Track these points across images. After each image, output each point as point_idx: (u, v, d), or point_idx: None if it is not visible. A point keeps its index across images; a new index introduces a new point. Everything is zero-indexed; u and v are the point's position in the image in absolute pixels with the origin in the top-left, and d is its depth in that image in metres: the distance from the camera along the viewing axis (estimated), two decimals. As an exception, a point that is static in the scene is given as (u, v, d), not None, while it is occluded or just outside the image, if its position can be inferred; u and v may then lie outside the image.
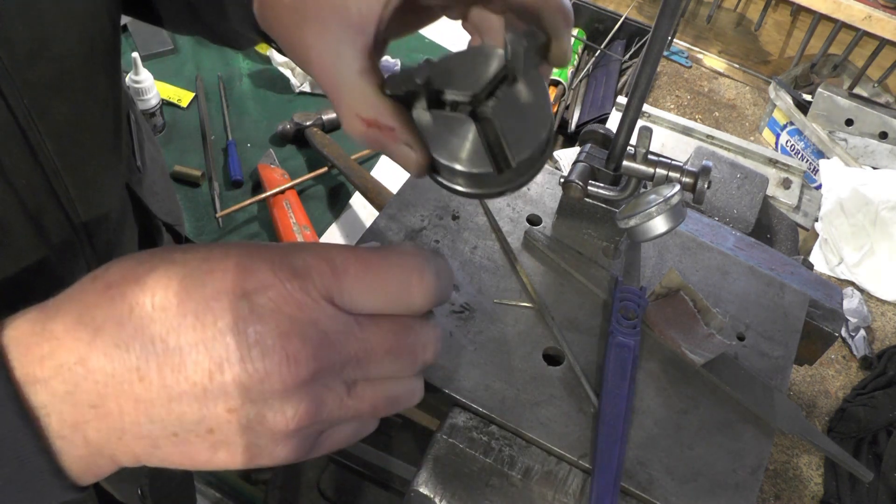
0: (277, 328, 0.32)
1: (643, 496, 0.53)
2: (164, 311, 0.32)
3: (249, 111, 1.46)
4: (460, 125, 0.40)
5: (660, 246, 0.71)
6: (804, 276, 0.73)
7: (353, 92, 0.40)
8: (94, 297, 0.33)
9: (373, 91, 0.40)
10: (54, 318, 0.33)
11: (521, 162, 0.40)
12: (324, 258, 0.34)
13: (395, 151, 0.41)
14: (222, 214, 1.23)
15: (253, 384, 0.32)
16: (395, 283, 0.35)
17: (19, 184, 0.50)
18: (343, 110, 0.41)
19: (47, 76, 0.50)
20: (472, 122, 0.40)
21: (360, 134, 0.41)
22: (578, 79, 1.63)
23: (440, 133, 0.40)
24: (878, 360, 1.29)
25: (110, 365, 0.32)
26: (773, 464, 1.14)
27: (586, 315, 0.64)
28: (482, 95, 0.41)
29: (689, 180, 0.62)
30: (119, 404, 0.33)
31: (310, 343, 0.33)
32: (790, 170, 1.38)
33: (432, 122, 0.41)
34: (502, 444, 0.55)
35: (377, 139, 0.41)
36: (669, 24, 0.54)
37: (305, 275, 0.33)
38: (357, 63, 0.40)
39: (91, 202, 0.59)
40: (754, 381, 0.60)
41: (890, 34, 1.61)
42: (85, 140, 0.57)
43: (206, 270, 0.33)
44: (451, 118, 0.41)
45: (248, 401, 0.33)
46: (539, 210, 0.72)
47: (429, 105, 0.41)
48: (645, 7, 1.92)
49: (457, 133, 0.40)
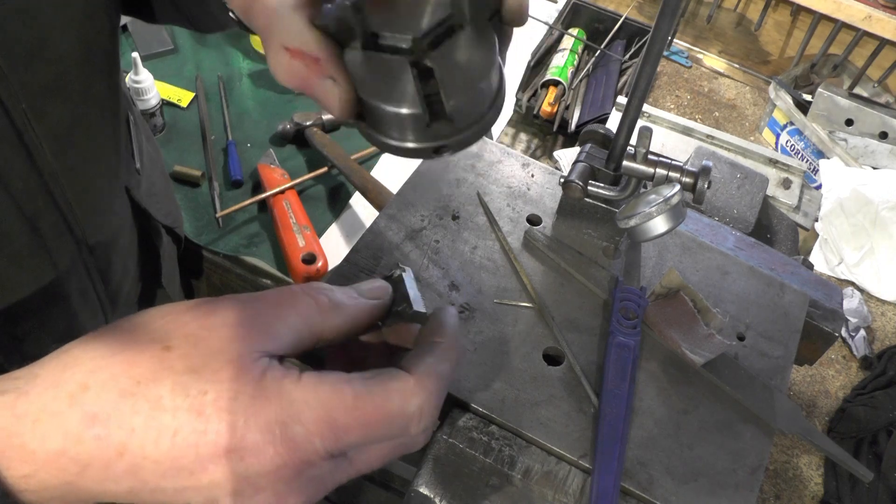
0: (274, 491, 0.33)
1: (643, 496, 0.53)
2: (157, 464, 0.32)
3: (249, 111, 1.46)
4: (395, 68, 0.37)
5: (660, 246, 0.71)
6: (804, 276, 0.73)
7: (283, 22, 0.38)
8: (75, 429, 0.32)
9: (303, 22, 0.38)
10: (32, 436, 0.32)
11: (459, 113, 0.37)
12: (325, 422, 0.34)
13: (319, 86, 0.38)
14: (222, 214, 1.23)
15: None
16: (395, 430, 0.36)
17: (16, 187, 0.49)
18: (271, 44, 0.39)
19: (45, 78, 0.49)
20: (408, 66, 0.37)
21: (285, 67, 0.38)
22: (578, 79, 1.63)
23: (372, 75, 0.37)
24: (878, 360, 1.29)
25: (101, 489, 0.33)
26: (773, 464, 1.14)
27: (586, 315, 0.64)
28: (423, 43, 0.37)
29: (689, 180, 0.62)
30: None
31: (305, 494, 0.35)
32: (790, 170, 1.38)
33: (364, 62, 0.38)
34: (502, 444, 0.55)
35: (301, 74, 0.38)
36: (669, 24, 0.54)
37: (305, 447, 0.33)
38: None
39: (89, 206, 0.59)
40: (754, 381, 0.60)
41: (890, 34, 1.61)
42: (83, 143, 0.57)
43: (200, 431, 0.32)
44: (385, 60, 0.37)
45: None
46: (539, 210, 0.72)
47: (364, 47, 0.38)
48: (645, 7, 1.92)
49: (390, 75, 0.37)
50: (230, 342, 0.34)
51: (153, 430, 0.32)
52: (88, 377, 0.33)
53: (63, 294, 0.60)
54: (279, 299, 0.37)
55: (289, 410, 0.33)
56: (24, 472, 0.32)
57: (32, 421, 0.32)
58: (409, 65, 0.37)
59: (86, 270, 0.62)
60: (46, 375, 0.33)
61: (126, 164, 0.68)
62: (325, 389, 0.34)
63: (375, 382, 0.35)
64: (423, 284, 0.64)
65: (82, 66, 0.53)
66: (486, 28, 0.39)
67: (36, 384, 0.33)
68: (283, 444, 0.33)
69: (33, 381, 0.33)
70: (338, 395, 0.34)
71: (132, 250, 0.74)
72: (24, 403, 0.33)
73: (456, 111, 0.37)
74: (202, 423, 0.32)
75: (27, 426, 0.32)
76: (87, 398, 0.32)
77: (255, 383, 0.33)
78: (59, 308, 0.60)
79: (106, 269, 0.66)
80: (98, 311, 0.66)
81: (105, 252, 0.64)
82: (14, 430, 0.32)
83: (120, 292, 0.71)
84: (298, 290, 0.38)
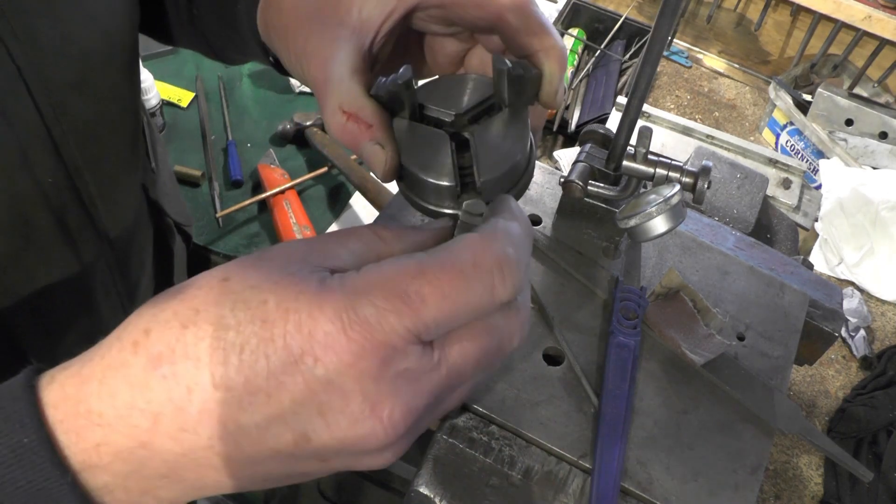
0: (362, 394, 0.30)
1: (643, 496, 0.53)
2: (229, 391, 0.30)
3: (249, 111, 1.46)
4: (436, 139, 0.41)
5: (660, 246, 0.71)
6: (804, 276, 0.73)
7: (342, 86, 0.41)
8: (142, 375, 0.30)
9: (359, 89, 0.41)
10: (99, 397, 0.31)
11: (487, 188, 0.40)
12: (396, 295, 0.30)
13: (367, 149, 0.40)
14: (222, 214, 1.23)
15: (345, 447, 0.31)
16: (478, 294, 0.31)
17: (44, 181, 0.51)
18: (328, 101, 0.41)
19: (70, 75, 0.51)
20: (448, 139, 0.41)
21: (340, 126, 0.41)
22: (578, 79, 1.63)
23: (415, 143, 0.41)
24: (878, 360, 1.29)
25: (179, 447, 0.31)
26: (773, 464, 1.15)
27: (586, 315, 0.64)
28: (464, 118, 0.42)
29: (689, 180, 0.62)
30: (197, 473, 0.31)
31: (400, 399, 0.30)
32: (790, 170, 1.38)
33: (410, 131, 0.42)
34: (502, 444, 0.55)
35: (354, 134, 0.41)
36: (669, 24, 0.54)
37: (382, 326, 0.30)
38: (350, 61, 0.41)
39: (111, 200, 0.60)
40: (754, 381, 0.60)
41: (890, 34, 1.61)
42: (106, 139, 0.58)
43: (267, 338, 0.30)
44: (428, 131, 0.42)
45: (343, 455, 0.31)
46: (539, 210, 0.72)
47: (411, 117, 0.42)
48: (645, 7, 1.92)
49: (431, 146, 0.41)
50: (289, 261, 0.32)
51: (219, 352, 0.30)
52: (150, 322, 0.32)
53: (88, 288, 0.60)
54: (339, 232, 0.36)
55: (355, 294, 0.30)
56: (94, 441, 0.30)
57: (98, 381, 0.31)
58: (449, 137, 0.41)
59: (107, 265, 0.62)
60: (109, 337, 0.32)
61: (143, 162, 0.69)
62: (387, 268, 0.31)
63: (440, 248, 0.32)
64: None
65: (105, 64, 0.54)
66: (523, 111, 0.42)
67: (100, 346, 0.32)
68: (357, 327, 0.29)
69: (97, 347, 0.32)
70: (403, 267, 0.31)
71: (148, 247, 0.75)
72: (88, 367, 0.32)
73: (485, 187, 0.40)
74: (267, 329, 0.30)
75: (93, 388, 0.31)
76: (150, 341, 0.31)
77: (318, 283, 0.31)
78: (85, 303, 0.61)
79: (125, 264, 0.67)
80: (118, 306, 0.67)
81: (125, 247, 0.65)
82: (80, 396, 0.31)
83: (138, 288, 0.72)
84: (360, 227, 0.37)
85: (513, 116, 0.42)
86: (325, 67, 0.41)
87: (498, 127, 0.41)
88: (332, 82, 0.41)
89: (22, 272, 0.52)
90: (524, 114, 0.42)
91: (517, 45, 0.43)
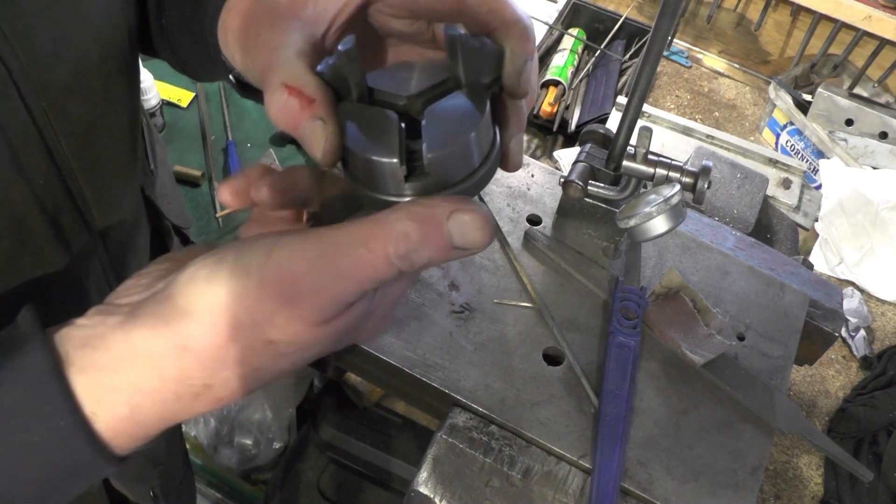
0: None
1: (643, 496, 0.53)
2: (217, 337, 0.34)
3: (249, 111, 1.46)
4: (382, 119, 0.38)
5: (660, 246, 0.71)
6: (804, 276, 0.73)
7: (286, 65, 0.39)
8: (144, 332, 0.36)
9: (304, 66, 0.39)
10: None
11: (435, 166, 0.37)
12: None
13: (308, 127, 0.38)
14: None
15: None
16: None
17: (37, 183, 0.50)
18: (270, 82, 0.39)
19: (65, 77, 0.50)
20: (396, 118, 0.38)
21: (280, 105, 0.39)
22: (578, 79, 1.63)
23: (361, 125, 0.38)
24: (878, 360, 1.29)
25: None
26: (773, 464, 1.14)
27: (586, 315, 0.64)
28: (418, 101, 0.39)
29: (689, 180, 0.62)
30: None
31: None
32: (790, 170, 1.38)
33: (356, 113, 0.39)
34: (502, 444, 0.55)
35: (294, 111, 0.38)
36: (669, 24, 0.54)
37: None
38: (297, 46, 0.40)
39: (106, 203, 0.60)
40: (754, 381, 0.60)
41: (890, 34, 1.61)
42: (102, 142, 0.57)
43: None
44: (375, 111, 0.39)
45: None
46: (539, 210, 0.72)
47: (358, 100, 0.39)
48: (645, 7, 1.92)
49: (377, 126, 0.38)
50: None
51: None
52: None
53: (83, 290, 0.60)
54: None
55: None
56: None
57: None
58: (398, 117, 0.38)
59: (102, 267, 0.62)
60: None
61: (141, 165, 0.69)
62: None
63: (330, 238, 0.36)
64: (423, 284, 0.64)
65: (101, 67, 0.54)
66: (483, 94, 0.39)
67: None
68: None
69: None
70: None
71: (146, 249, 0.75)
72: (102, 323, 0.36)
73: (432, 166, 0.37)
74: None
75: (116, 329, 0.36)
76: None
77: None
78: (80, 305, 0.61)
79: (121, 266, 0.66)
80: None
81: (121, 249, 0.65)
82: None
83: None
84: None
85: (470, 97, 0.39)
86: (272, 53, 0.40)
87: (451, 105, 0.38)
88: (276, 63, 0.39)
89: (15, 274, 0.52)
90: (484, 96, 0.39)
91: (479, 26, 0.40)
